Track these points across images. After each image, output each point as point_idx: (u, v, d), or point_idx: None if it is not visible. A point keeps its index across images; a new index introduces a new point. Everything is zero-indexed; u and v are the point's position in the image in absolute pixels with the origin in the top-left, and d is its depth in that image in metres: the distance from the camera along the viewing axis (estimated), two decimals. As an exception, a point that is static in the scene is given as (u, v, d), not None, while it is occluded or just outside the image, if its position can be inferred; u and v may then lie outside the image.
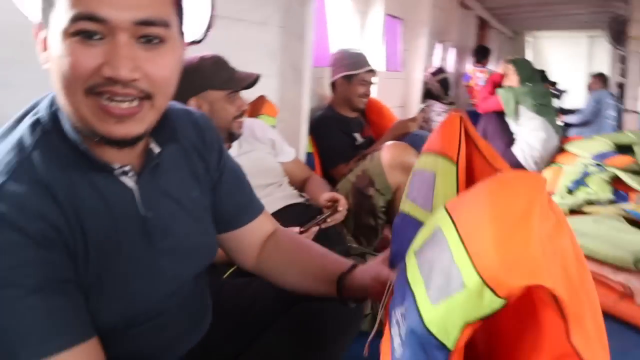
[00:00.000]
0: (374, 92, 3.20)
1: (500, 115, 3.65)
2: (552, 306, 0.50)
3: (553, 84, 6.91)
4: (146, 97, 0.68)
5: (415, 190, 0.81)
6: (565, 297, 0.48)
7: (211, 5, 2.01)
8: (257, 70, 2.42)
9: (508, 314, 0.54)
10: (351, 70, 2.65)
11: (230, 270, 1.38)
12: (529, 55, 10.68)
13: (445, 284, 0.53)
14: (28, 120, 0.73)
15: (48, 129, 0.72)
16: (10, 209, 0.63)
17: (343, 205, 1.76)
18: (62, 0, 0.63)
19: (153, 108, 0.71)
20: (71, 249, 0.70)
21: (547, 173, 3.31)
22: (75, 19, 0.62)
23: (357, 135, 2.68)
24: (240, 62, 2.23)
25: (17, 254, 0.63)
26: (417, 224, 0.70)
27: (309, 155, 2.55)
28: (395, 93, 4.30)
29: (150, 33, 0.66)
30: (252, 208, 1.03)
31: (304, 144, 2.51)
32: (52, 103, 0.73)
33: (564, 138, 3.85)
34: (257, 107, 2.19)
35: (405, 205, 0.82)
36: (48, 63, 0.69)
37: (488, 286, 0.48)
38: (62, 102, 0.69)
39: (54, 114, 0.73)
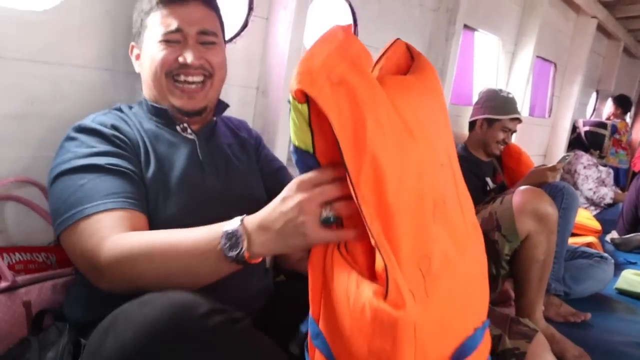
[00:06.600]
0: (513, 137, 3.04)
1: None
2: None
3: None
4: (209, 75, 1.08)
5: None
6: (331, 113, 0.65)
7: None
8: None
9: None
10: (495, 115, 2.49)
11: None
12: None
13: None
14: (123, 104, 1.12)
15: (138, 102, 1.12)
16: (93, 123, 0.99)
17: None
18: (154, 23, 1.05)
19: (212, 87, 1.09)
20: (138, 158, 0.98)
21: None
22: (166, 33, 1.04)
23: (489, 180, 2.52)
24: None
25: (96, 144, 0.94)
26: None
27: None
28: (539, 140, 4.05)
29: (207, 40, 1.07)
30: None
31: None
32: (140, 102, 1.12)
33: None
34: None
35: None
36: (139, 67, 1.12)
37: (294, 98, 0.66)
38: (150, 85, 1.07)
39: (141, 101, 1.12)
